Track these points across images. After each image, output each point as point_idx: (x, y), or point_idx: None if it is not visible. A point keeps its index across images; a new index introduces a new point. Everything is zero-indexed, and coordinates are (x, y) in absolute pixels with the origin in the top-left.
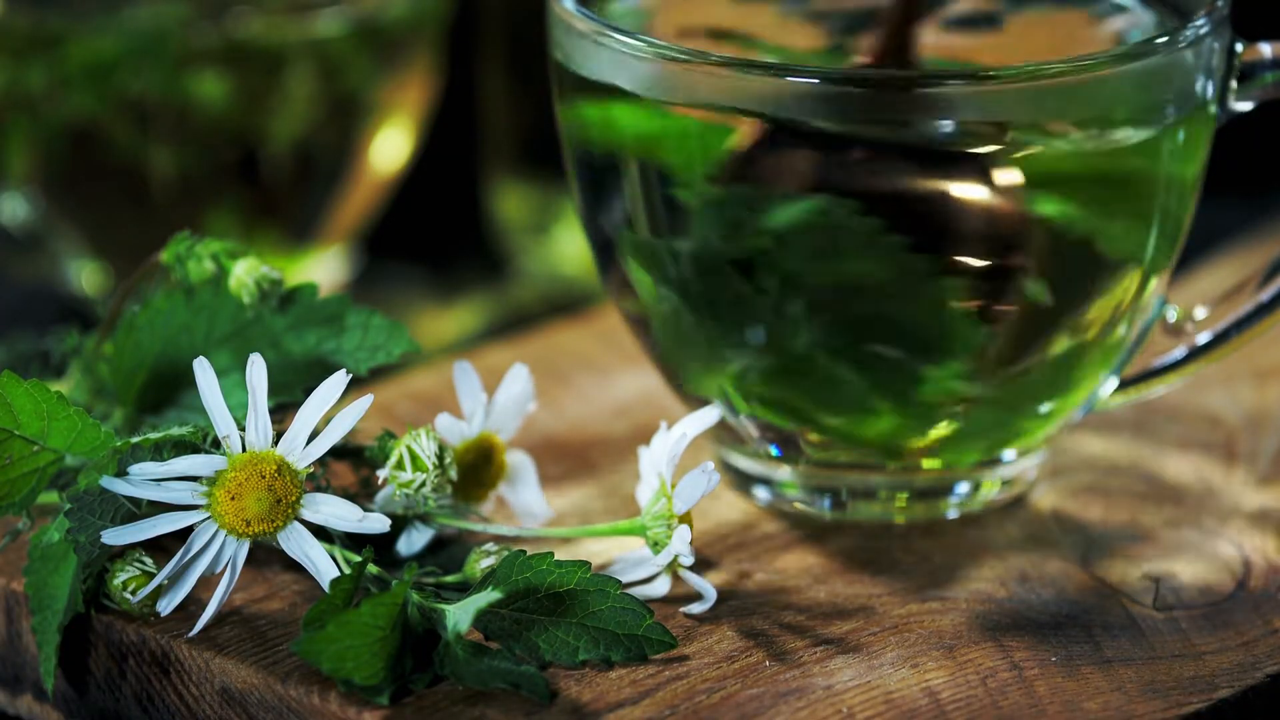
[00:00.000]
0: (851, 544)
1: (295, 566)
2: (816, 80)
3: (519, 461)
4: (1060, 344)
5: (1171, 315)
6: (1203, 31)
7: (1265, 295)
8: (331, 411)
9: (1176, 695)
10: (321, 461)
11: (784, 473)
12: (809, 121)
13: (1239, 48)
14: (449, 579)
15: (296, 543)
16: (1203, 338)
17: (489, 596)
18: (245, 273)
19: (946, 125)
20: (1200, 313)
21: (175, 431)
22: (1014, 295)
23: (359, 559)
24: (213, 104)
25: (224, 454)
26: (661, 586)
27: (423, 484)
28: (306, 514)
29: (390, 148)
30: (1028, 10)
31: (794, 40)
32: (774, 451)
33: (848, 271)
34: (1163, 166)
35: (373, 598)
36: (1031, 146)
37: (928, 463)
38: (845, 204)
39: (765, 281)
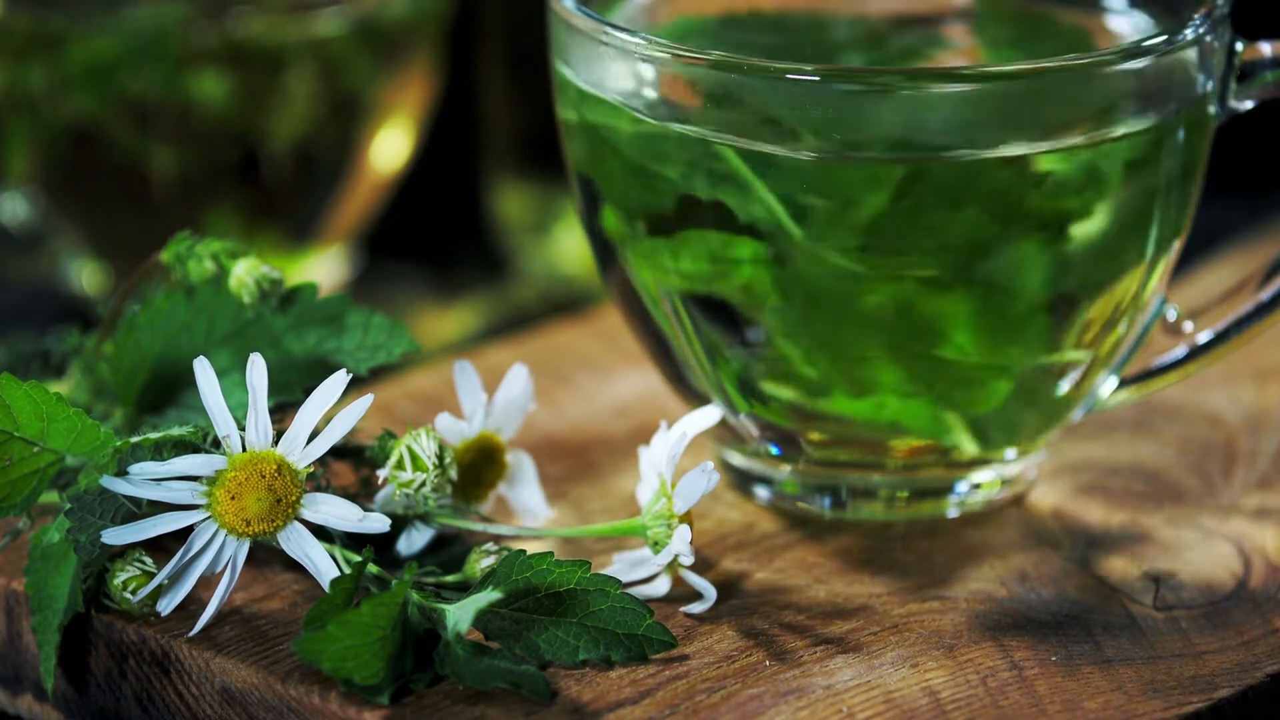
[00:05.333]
0: (851, 544)
1: (295, 566)
2: (817, 79)
3: (519, 461)
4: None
5: (1171, 315)
6: (1202, 30)
7: (1265, 295)
8: (332, 411)
9: (1176, 695)
10: (321, 461)
11: (784, 472)
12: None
13: (1239, 47)
14: (449, 579)
15: (296, 542)
16: (1203, 337)
17: (489, 596)
18: (245, 272)
19: (943, 125)
20: (1200, 313)
21: (175, 431)
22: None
23: (359, 559)
24: (213, 104)
25: (224, 454)
26: (661, 586)
27: (423, 484)
28: (306, 514)
29: (390, 148)
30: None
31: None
32: (774, 451)
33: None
34: (1163, 165)
35: (373, 597)
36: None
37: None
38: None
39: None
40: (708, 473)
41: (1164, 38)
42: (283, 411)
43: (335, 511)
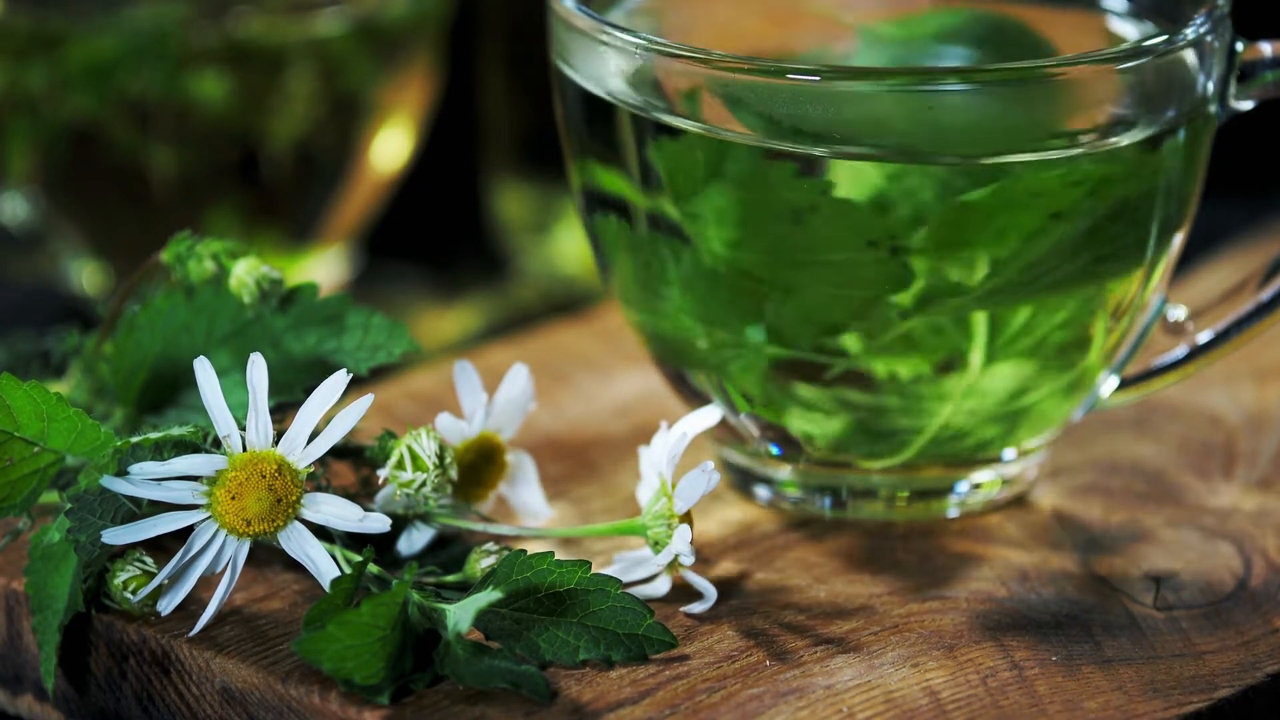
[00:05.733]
0: (851, 544)
1: (295, 566)
2: (817, 79)
3: (519, 461)
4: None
5: (1171, 315)
6: (1202, 30)
7: (1265, 295)
8: (332, 411)
9: (1177, 695)
10: (322, 461)
11: (784, 472)
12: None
13: (1239, 47)
14: (449, 579)
15: (297, 542)
16: (1203, 337)
17: (489, 596)
18: (245, 272)
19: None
20: (1200, 313)
21: (175, 431)
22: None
23: (359, 559)
24: (213, 104)
25: (224, 454)
26: (662, 586)
27: (423, 484)
28: (307, 514)
29: (390, 148)
30: (1027, 10)
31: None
32: (774, 451)
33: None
34: (1163, 166)
35: (373, 597)
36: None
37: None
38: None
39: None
40: (708, 473)
41: (1164, 38)
42: (283, 411)
43: (335, 511)
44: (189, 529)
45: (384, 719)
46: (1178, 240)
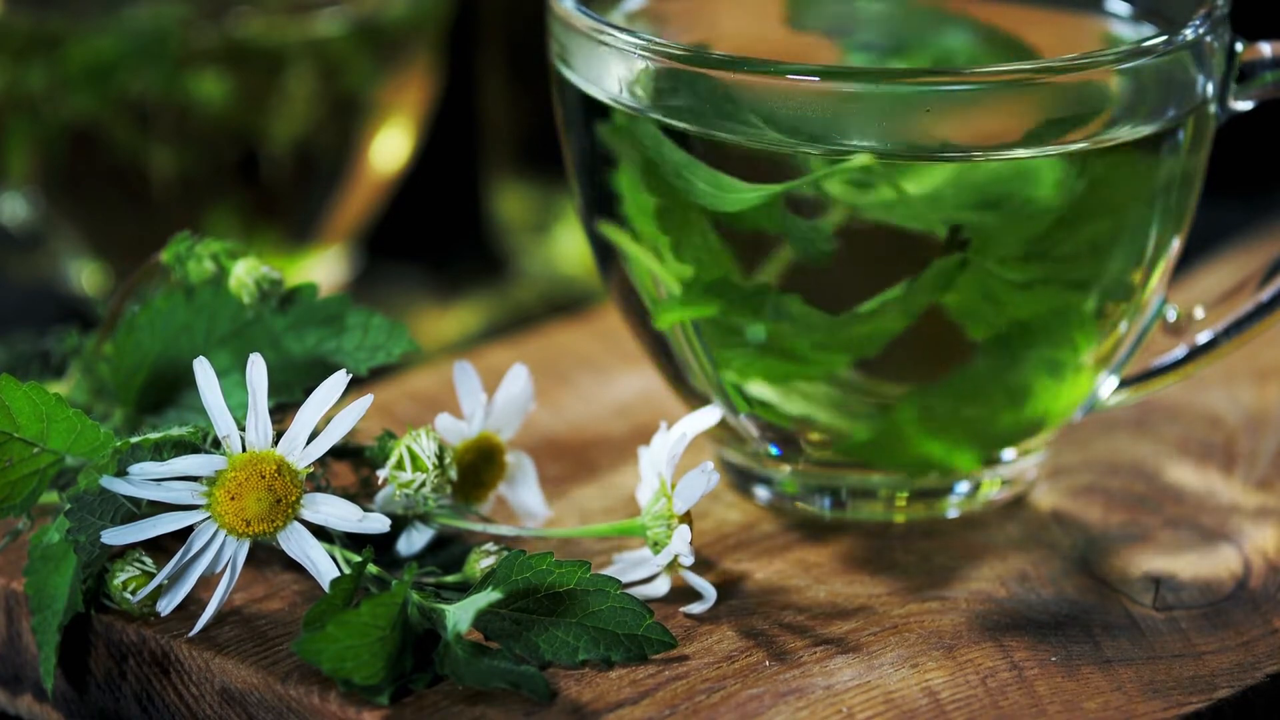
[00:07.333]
0: (851, 544)
1: (295, 566)
2: (816, 79)
3: (519, 461)
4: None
5: (1171, 315)
6: (1202, 31)
7: (1265, 295)
8: (331, 411)
9: (1176, 695)
10: (321, 461)
11: (784, 472)
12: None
13: (1239, 47)
14: (449, 579)
15: (296, 543)
16: (1203, 338)
17: (489, 596)
18: (245, 273)
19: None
20: (1200, 313)
21: (175, 431)
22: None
23: (359, 559)
24: (213, 104)
25: (224, 454)
26: (661, 586)
27: (423, 484)
28: (306, 514)
29: (390, 148)
30: (1027, 10)
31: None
32: (774, 451)
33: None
34: (1163, 166)
35: (373, 598)
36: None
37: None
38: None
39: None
40: (708, 473)
41: (1163, 38)
42: (283, 411)
43: (335, 511)
44: (189, 529)
45: (384, 719)
46: (1177, 240)
